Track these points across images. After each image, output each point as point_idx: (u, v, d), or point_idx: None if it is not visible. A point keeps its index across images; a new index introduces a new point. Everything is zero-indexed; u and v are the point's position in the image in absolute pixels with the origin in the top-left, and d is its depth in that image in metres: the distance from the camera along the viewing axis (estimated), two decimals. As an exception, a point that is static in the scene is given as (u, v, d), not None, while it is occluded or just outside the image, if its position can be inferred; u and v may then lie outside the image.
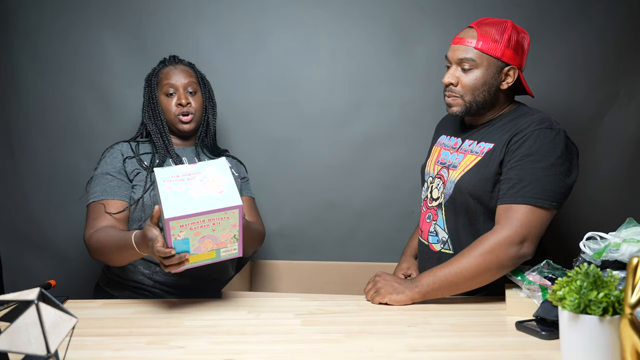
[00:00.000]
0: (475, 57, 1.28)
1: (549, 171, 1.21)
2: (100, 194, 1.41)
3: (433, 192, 1.42)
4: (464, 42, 1.30)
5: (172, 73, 1.52)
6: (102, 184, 1.43)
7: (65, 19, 1.84)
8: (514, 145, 1.25)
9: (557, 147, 1.22)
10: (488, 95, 1.31)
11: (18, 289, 0.75)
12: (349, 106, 1.89)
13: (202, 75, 1.60)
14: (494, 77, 1.30)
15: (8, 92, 1.86)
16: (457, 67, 1.31)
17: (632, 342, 0.73)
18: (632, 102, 1.84)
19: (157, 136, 1.51)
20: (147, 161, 1.49)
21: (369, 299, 1.26)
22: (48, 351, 0.69)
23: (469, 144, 1.36)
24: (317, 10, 1.87)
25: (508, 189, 1.23)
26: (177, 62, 1.57)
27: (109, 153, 1.48)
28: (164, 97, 1.51)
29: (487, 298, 1.27)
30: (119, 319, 1.15)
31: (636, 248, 1.01)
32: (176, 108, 1.50)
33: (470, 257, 1.19)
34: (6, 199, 1.89)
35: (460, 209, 1.33)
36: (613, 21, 1.81)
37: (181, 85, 1.51)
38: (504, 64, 1.30)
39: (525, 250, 1.19)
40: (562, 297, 0.83)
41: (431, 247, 1.40)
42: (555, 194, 1.21)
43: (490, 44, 1.28)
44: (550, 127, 1.24)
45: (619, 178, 1.86)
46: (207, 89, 1.60)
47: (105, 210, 1.38)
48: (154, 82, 1.53)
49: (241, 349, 0.97)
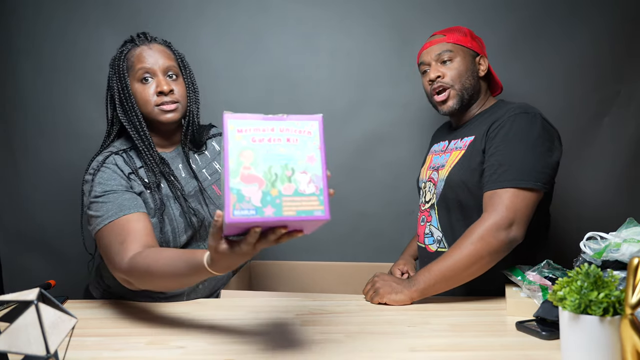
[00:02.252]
0: (451, 48, 1.41)
1: (529, 152, 1.23)
2: (117, 211, 1.12)
3: (426, 196, 1.45)
4: (435, 42, 1.43)
5: (146, 54, 1.23)
6: (111, 201, 1.14)
7: (65, 18, 1.84)
8: (492, 132, 1.29)
9: (534, 129, 1.25)
10: (473, 80, 1.41)
11: (18, 289, 0.75)
12: (349, 106, 1.89)
13: (181, 56, 1.31)
14: (471, 63, 1.41)
15: (8, 92, 1.86)
16: (437, 63, 1.42)
17: (632, 342, 0.73)
18: (632, 102, 1.84)
19: (137, 138, 1.22)
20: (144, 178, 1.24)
21: (368, 299, 1.26)
22: (48, 351, 0.69)
23: (454, 143, 1.42)
24: (317, 10, 1.87)
25: (490, 175, 1.25)
26: (150, 40, 1.26)
27: (103, 173, 1.19)
28: (137, 84, 1.22)
29: (487, 298, 1.27)
30: (119, 319, 1.15)
31: (636, 248, 1.01)
32: (156, 97, 1.22)
33: (461, 248, 1.20)
34: (6, 199, 1.89)
35: (452, 206, 1.35)
36: (613, 21, 1.81)
37: (159, 69, 1.23)
38: (475, 53, 1.43)
39: (515, 234, 1.19)
40: (562, 297, 0.83)
41: (428, 249, 1.42)
42: (538, 173, 1.22)
43: (459, 37, 1.42)
44: (525, 112, 1.28)
45: (619, 178, 1.86)
46: (189, 73, 1.31)
47: (132, 228, 1.09)
48: (122, 67, 1.23)
49: (241, 349, 0.97)
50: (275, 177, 0.79)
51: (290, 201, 0.78)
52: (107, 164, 1.20)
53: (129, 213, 1.13)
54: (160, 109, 1.23)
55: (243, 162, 0.78)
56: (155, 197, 1.23)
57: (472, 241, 1.19)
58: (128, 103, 1.22)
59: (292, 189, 0.79)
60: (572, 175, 1.86)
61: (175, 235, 1.24)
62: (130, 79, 1.23)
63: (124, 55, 1.24)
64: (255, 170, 0.78)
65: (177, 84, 1.26)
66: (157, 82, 1.23)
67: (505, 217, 1.19)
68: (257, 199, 0.77)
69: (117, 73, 1.24)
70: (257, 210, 0.76)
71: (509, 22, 1.84)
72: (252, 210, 0.76)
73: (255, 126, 0.80)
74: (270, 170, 0.79)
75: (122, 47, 1.27)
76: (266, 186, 0.78)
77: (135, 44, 1.25)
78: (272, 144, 0.80)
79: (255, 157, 0.79)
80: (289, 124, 0.81)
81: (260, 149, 0.79)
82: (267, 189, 0.78)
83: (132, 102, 1.22)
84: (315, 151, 0.81)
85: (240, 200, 0.76)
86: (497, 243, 1.18)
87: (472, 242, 1.19)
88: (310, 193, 0.79)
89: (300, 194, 0.79)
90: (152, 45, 1.25)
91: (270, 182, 0.78)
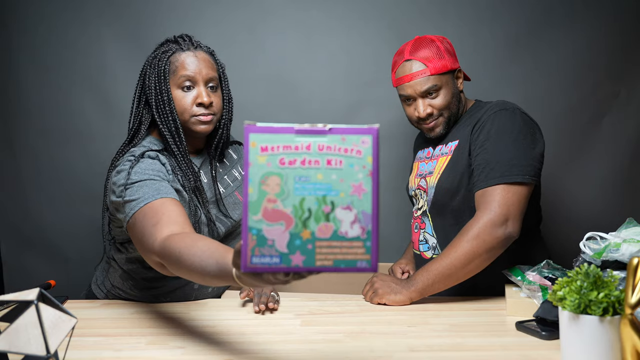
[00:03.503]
0: (436, 81, 1.35)
1: (512, 147, 1.24)
2: (155, 194, 1.06)
3: (419, 203, 1.46)
4: (418, 75, 1.35)
5: (190, 61, 1.19)
6: (148, 186, 1.08)
7: (65, 18, 1.84)
8: (475, 134, 1.30)
9: (514, 124, 1.27)
10: (458, 102, 1.41)
11: (18, 289, 0.75)
12: (349, 106, 1.89)
13: (223, 67, 1.28)
14: (454, 86, 1.40)
15: (8, 92, 1.86)
16: (423, 98, 1.37)
17: (632, 342, 0.73)
18: (632, 102, 1.84)
19: (172, 142, 1.19)
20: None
21: (367, 300, 1.26)
22: (48, 351, 0.69)
23: (439, 149, 1.42)
24: (316, 11, 1.87)
25: (479, 175, 1.26)
26: (196, 47, 1.22)
27: (140, 164, 1.13)
28: (177, 90, 1.19)
29: (487, 298, 1.27)
30: (119, 319, 1.15)
31: (636, 248, 1.01)
32: (195, 108, 1.19)
33: (458, 247, 1.20)
34: (6, 199, 1.89)
35: (444, 211, 1.36)
36: (613, 21, 1.81)
37: (202, 79, 1.19)
38: (453, 71, 1.40)
39: (511, 230, 1.20)
40: (562, 297, 0.83)
41: (423, 256, 1.42)
42: (525, 167, 1.23)
43: (438, 63, 1.35)
44: (504, 108, 1.30)
45: (619, 178, 1.86)
46: (227, 85, 1.28)
47: (167, 211, 1.02)
48: (164, 69, 1.18)
49: (241, 349, 0.97)
50: (308, 214, 0.62)
51: (326, 247, 0.62)
52: (146, 157, 1.16)
53: (166, 197, 1.06)
54: (196, 119, 1.20)
55: (267, 192, 0.62)
56: (191, 202, 1.18)
57: (468, 239, 1.19)
58: (167, 107, 1.18)
59: (330, 230, 0.62)
60: (571, 175, 1.86)
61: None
62: (171, 83, 1.19)
63: (167, 56, 1.20)
64: (283, 205, 0.62)
65: (216, 96, 1.23)
66: (197, 92, 1.19)
67: (500, 214, 1.19)
68: (283, 243, 0.62)
69: (157, 74, 1.19)
70: (281, 258, 0.62)
71: (509, 22, 1.83)
72: (276, 258, 0.62)
73: (286, 142, 0.62)
74: (303, 204, 0.62)
75: (164, 47, 1.22)
76: (295, 226, 0.62)
77: (181, 48, 1.20)
78: (307, 167, 0.62)
79: (283, 186, 0.62)
80: (331, 139, 0.63)
81: (291, 175, 0.62)
82: (297, 230, 0.62)
83: (171, 107, 1.18)
84: (365, 179, 0.63)
85: (261, 244, 0.61)
86: (493, 240, 1.18)
87: (468, 240, 1.19)
88: (353, 237, 0.62)
89: (341, 237, 0.62)
90: (198, 52, 1.21)
91: (302, 221, 0.62)
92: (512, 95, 1.78)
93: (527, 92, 1.83)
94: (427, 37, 1.40)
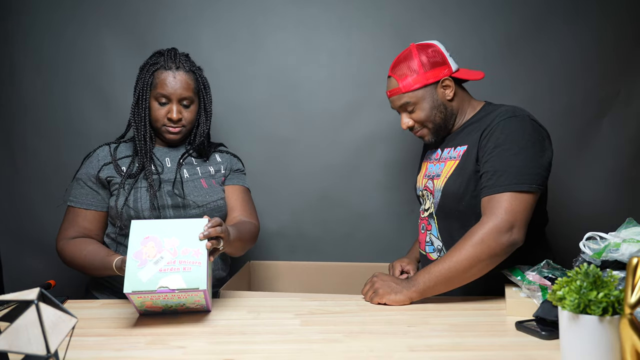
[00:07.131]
0: (409, 98, 1.39)
1: (521, 155, 1.24)
2: (73, 200, 1.42)
3: (425, 204, 1.47)
4: (394, 93, 1.42)
5: (169, 81, 1.39)
6: (75, 189, 1.42)
7: (65, 19, 1.84)
8: (484, 140, 1.30)
9: (524, 132, 1.26)
10: (442, 112, 1.41)
11: (18, 289, 0.75)
12: (349, 106, 1.89)
13: (204, 84, 1.48)
14: (434, 99, 1.40)
15: (8, 92, 1.86)
16: (403, 112, 1.43)
17: (632, 342, 0.73)
18: (632, 102, 1.84)
19: (141, 140, 1.41)
20: (125, 165, 1.42)
21: (367, 299, 1.26)
22: (48, 351, 0.69)
23: (448, 152, 1.42)
24: (317, 10, 1.88)
25: (487, 181, 1.26)
26: (178, 67, 1.41)
27: (88, 160, 1.44)
28: (154, 102, 1.41)
29: (487, 298, 1.27)
30: (119, 319, 1.15)
31: (636, 248, 1.01)
32: (165, 120, 1.41)
33: (462, 250, 1.20)
34: (6, 199, 1.89)
35: (450, 215, 1.36)
36: (613, 21, 1.81)
37: (175, 98, 1.40)
38: (434, 83, 1.39)
39: (516, 237, 1.20)
40: (562, 297, 0.83)
41: (429, 257, 1.43)
42: (533, 175, 1.23)
43: (410, 80, 1.38)
44: (514, 115, 1.29)
45: (619, 178, 1.86)
46: (205, 99, 1.48)
47: (77, 218, 1.40)
48: (147, 80, 1.40)
49: (241, 349, 0.97)
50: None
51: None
52: (93, 155, 1.44)
53: (77, 207, 1.41)
54: (166, 129, 1.43)
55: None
56: (126, 181, 1.40)
57: (472, 243, 1.19)
58: (143, 113, 1.41)
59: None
60: (571, 175, 1.86)
61: (138, 210, 1.37)
62: (151, 94, 1.41)
63: (151, 71, 1.41)
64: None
65: (188, 111, 1.44)
66: (169, 108, 1.41)
67: (506, 221, 1.19)
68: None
69: (142, 83, 1.41)
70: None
71: (509, 22, 1.84)
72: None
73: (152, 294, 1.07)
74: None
75: (154, 59, 1.43)
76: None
77: (165, 67, 1.40)
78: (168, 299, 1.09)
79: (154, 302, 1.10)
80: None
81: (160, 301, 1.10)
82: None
83: (146, 113, 1.41)
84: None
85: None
86: (497, 246, 1.18)
87: (473, 244, 1.19)
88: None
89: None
90: (178, 73, 1.40)
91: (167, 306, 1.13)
92: (512, 95, 1.79)
93: (528, 92, 1.83)
94: (414, 48, 1.41)
